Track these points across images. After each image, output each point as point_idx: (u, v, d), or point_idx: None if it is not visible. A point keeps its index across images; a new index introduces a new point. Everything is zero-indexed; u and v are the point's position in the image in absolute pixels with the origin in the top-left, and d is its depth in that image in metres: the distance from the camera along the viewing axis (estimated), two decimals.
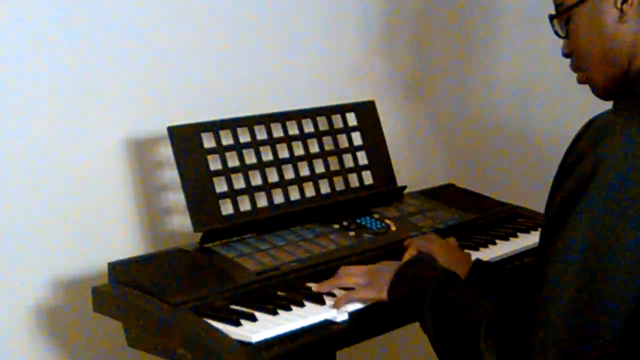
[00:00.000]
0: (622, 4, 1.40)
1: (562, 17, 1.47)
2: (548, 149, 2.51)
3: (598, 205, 1.25)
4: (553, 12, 1.49)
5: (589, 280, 1.25)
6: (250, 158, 1.90)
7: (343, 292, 1.60)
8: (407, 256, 1.77)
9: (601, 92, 1.48)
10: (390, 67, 2.50)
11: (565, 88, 2.40)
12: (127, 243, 1.97)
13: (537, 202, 1.77)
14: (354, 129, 2.10)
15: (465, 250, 1.85)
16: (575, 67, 1.50)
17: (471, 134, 2.69)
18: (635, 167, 1.25)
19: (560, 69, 1.69)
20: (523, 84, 2.66)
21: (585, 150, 1.28)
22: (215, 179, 1.83)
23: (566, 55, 1.50)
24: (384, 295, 1.54)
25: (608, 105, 1.48)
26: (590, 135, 1.29)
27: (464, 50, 2.67)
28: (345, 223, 1.91)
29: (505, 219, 2.08)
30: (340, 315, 1.53)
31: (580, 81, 1.50)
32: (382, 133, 2.13)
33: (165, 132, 1.81)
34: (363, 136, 2.11)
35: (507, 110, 2.69)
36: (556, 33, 1.50)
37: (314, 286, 1.64)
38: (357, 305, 1.56)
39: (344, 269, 1.66)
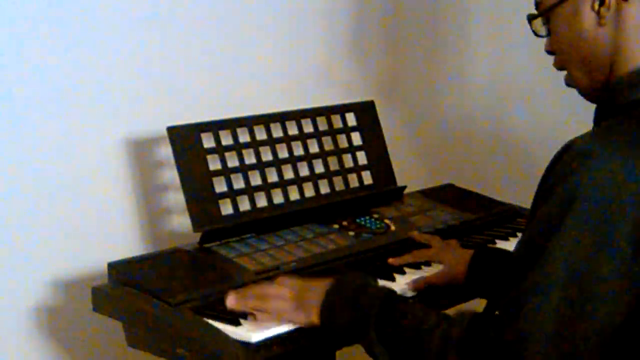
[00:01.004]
0: (599, 7, 1.37)
1: (542, 16, 1.46)
2: (548, 148, 2.51)
3: (576, 235, 1.23)
4: (529, 12, 1.49)
5: (569, 311, 1.22)
6: (249, 158, 1.90)
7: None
8: (401, 260, 1.76)
9: (586, 94, 1.46)
10: (385, 67, 2.49)
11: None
12: (127, 243, 1.97)
13: None
14: (353, 129, 2.10)
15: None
16: (558, 65, 1.48)
17: (471, 135, 2.69)
18: (613, 194, 1.22)
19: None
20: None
21: (563, 174, 1.26)
22: (214, 179, 1.83)
23: (549, 52, 1.49)
24: (313, 319, 1.44)
25: (586, 102, 1.48)
26: (569, 158, 1.27)
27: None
28: (345, 223, 1.91)
29: (505, 219, 2.08)
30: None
31: (567, 83, 1.48)
32: (381, 133, 2.13)
33: (165, 132, 1.81)
34: (362, 136, 2.11)
35: (507, 109, 2.68)
36: (535, 32, 1.48)
37: (229, 299, 1.50)
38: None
39: (266, 289, 1.52)
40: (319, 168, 2.01)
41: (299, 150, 1.99)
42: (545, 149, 2.50)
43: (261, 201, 1.90)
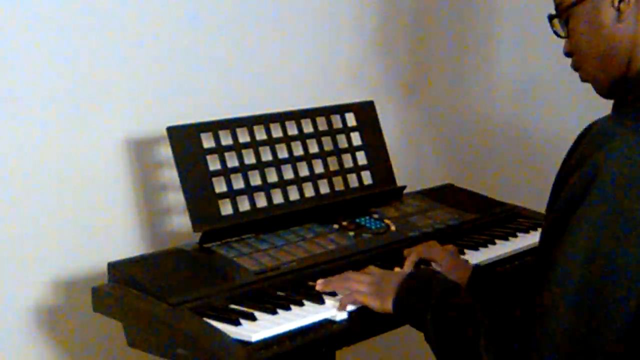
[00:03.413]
0: (619, 3, 1.39)
1: (562, 16, 1.47)
2: (548, 148, 2.52)
3: (598, 211, 1.25)
4: (552, 12, 1.50)
5: (591, 287, 1.25)
6: (249, 158, 1.90)
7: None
8: (408, 264, 1.76)
9: (603, 91, 1.48)
10: (387, 67, 2.50)
11: (563, 87, 2.42)
12: (127, 243, 1.97)
13: (537, 202, 1.78)
14: (353, 129, 2.10)
15: (465, 251, 1.85)
16: (575, 66, 1.50)
17: (470, 134, 2.69)
18: (634, 173, 1.25)
19: (558, 68, 1.69)
20: (521, 83, 2.66)
21: (585, 155, 1.28)
22: (214, 179, 1.84)
23: (567, 54, 1.50)
24: (387, 306, 1.53)
25: (606, 103, 1.49)
26: (590, 140, 1.29)
27: (462, 49, 2.67)
28: (344, 223, 1.91)
29: (505, 219, 2.08)
30: (340, 314, 1.53)
31: (583, 79, 1.50)
32: (381, 133, 2.13)
33: (165, 132, 1.81)
34: (362, 136, 2.11)
35: (506, 110, 2.69)
36: (555, 33, 1.50)
37: (318, 283, 1.62)
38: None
39: (350, 274, 1.64)
40: (319, 168, 2.01)
41: (298, 151, 1.99)
42: (545, 150, 2.51)
43: (261, 201, 1.90)
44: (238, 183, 1.87)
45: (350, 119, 2.10)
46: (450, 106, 2.67)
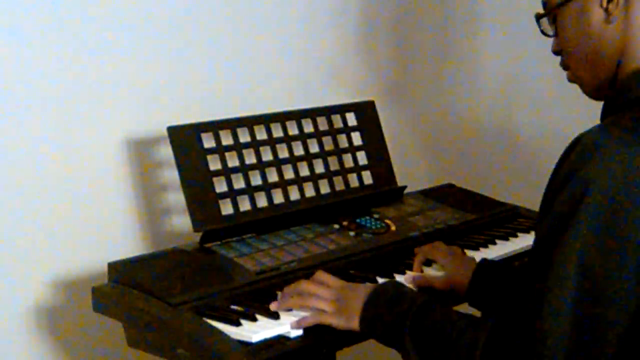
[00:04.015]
0: (608, 3, 1.38)
1: (550, 15, 1.46)
2: (548, 148, 2.51)
3: (589, 227, 1.23)
4: (539, 10, 1.49)
5: (587, 305, 1.23)
6: (250, 158, 1.90)
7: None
8: (416, 264, 1.76)
9: (590, 92, 1.47)
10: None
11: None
12: (127, 243, 1.97)
13: (537, 202, 1.77)
14: (353, 129, 2.10)
15: (466, 251, 1.85)
16: (564, 65, 1.48)
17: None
18: (623, 186, 1.23)
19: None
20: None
21: (573, 169, 1.26)
22: (215, 179, 1.84)
23: (556, 53, 1.49)
24: (354, 325, 1.48)
25: (594, 104, 1.48)
26: (578, 152, 1.27)
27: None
28: (345, 223, 1.91)
29: (505, 219, 2.08)
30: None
31: (570, 80, 1.49)
32: (381, 133, 2.13)
33: (165, 132, 1.81)
34: (363, 136, 2.11)
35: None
36: (543, 32, 1.49)
37: (272, 305, 1.54)
38: None
39: (305, 286, 1.57)
40: (319, 168, 2.01)
41: (299, 150, 1.99)
42: (546, 150, 2.51)
43: (261, 201, 1.89)
44: (238, 183, 1.87)
45: (351, 119, 2.10)
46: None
